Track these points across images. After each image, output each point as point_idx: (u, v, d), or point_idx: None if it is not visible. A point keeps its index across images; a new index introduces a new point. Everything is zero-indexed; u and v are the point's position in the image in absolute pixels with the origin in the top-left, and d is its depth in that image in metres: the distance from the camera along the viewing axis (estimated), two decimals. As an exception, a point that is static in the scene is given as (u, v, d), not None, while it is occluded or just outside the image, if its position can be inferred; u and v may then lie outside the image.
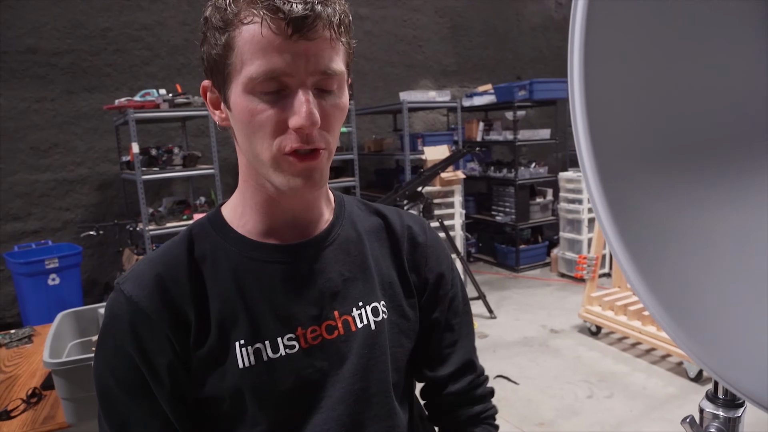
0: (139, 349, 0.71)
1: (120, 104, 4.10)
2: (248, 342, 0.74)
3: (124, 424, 0.74)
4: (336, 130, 0.72)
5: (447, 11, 6.85)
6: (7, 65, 4.55)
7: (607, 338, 3.89)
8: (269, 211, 0.78)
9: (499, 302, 4.80)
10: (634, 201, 0.39)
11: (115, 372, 0.73)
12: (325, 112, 0.69)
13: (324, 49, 0.66)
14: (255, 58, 0.64)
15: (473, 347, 0.94)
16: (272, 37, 0.63)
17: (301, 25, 0.62)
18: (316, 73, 0.66)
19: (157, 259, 0.77)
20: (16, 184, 4.69)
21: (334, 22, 0.66)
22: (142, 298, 0.72)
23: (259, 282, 0.76)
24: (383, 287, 0.83)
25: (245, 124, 0.68)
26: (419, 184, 4.28)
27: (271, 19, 0.62)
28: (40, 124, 4.72)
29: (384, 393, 0.80)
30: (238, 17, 0.64)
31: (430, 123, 6.96)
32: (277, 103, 0.66)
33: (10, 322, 4.65)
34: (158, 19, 5.14)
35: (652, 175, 0.40)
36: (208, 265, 0.76)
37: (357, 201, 0.92)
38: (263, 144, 0.68)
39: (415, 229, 0.90)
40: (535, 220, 6.02)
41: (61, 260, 4.06)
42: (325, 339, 0.77)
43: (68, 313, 1.75)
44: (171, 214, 4.41)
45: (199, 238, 0.79)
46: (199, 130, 5.36)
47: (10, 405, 1.52)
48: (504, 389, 3.23)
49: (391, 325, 0.83)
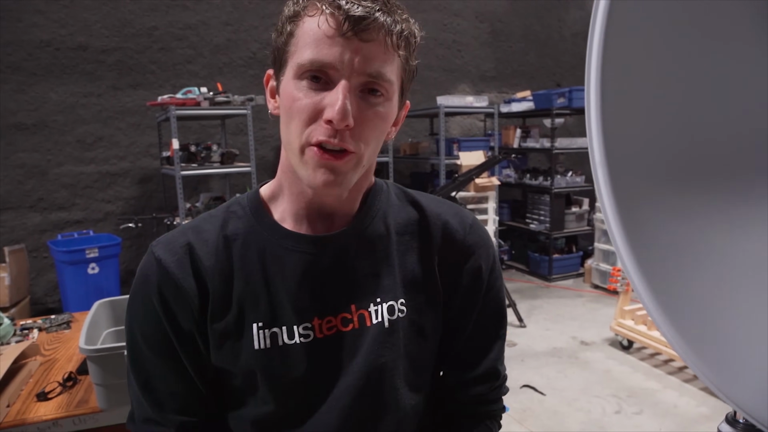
0: (165, 309, 0.76)
1: (162, 101, 4.21)
2: (266, 325, 0.76)
3: (149, 379, 0.79)
4: (370, 139, 0.71)
5: (488, 16, 6.82)
6: (59, 62, 4.73)
7: (638, 353, 3.80)
8: (302, 202, 0.79)
9: (530, 311, 4.74)
10: (649, 220, 0.39)
11: (142, 329, 0.78)
12: (364, 116, 0.69)
13: (376, 54, 0.67)
14: (308, 47, 0.67)
15: (501, 353, 0.92)
16: (328, 29, 0.66)
17: (358, 23, 0.65)
18: (362, 73, 0.67)
19: (190, 230, 0.80)
20: (63, 176, 4.86)
21: (393, 30, 0.67)
22: (170, 263, 0.76)
23: (282, 269, 0.78)
24: (405, 285, 0.82)
25: (286, 109, 0.71)
26: (453, 189, 4.27)
27: (331, 14, 0.65)
28: (86, 119, 4.89)
29: (392, 389, 0.81)
30: (305, 10, 0.68)
31: (467, 128, 6.93)
32: (319, 94, 0.68)
33: (52, 307, 4.83)
34: (202, 19, 5.27)
35: (668, 196, 0.40)
36: (239, 244, 0.79)
37: (396, 189, 0.90)
38: (296, 130, 0.69)
39: (453, 224, 0.86)
40: (570, 229, 5.93)
41: (101, 250, 4.20)
42: (339, 331, 0.78)
43: (104, 302, 1.81)
44: (207, 209, 4.50)
45: (235, 216, 0.81)
46: (237, 128, 5.46)
47: (47, 387, 1.58)
48: (530, 399, 3.20)
49: (410, 323, 0.82)
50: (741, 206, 0.43)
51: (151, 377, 0.79)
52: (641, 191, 0.39)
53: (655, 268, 0.39)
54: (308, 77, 0.68)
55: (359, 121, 0.68)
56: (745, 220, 0.43)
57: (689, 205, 0.41)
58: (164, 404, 0.79)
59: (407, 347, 0.82)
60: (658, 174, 0.40)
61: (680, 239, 0.41)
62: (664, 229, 0.40)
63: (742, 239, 0.43)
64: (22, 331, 2.09)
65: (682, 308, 0.41)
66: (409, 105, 0.83)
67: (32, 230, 4.79)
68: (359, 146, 0.70)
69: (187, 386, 0.79)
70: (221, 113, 4.48)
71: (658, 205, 0.39)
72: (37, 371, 1.73)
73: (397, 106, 0.76)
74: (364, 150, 0.71)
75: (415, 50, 0.74)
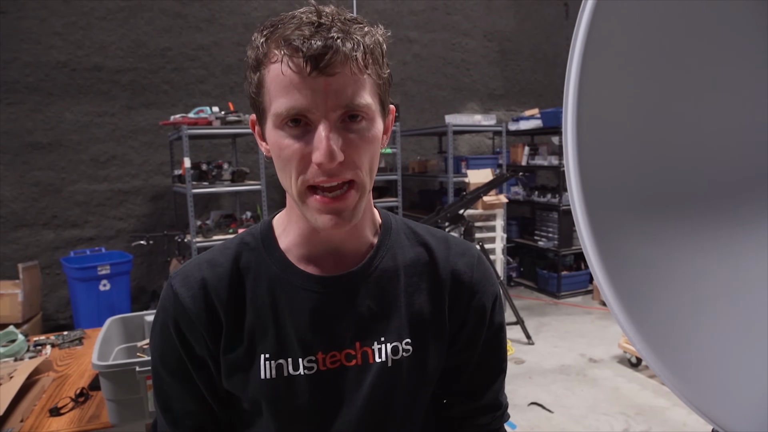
0: (181, 338, 0.79)
1: (175, 120, 4.29)
2: (273, 357, 0.79)
3: (168, 400, 0.83)
4: (366, 161, 0.72)
5: (496, 35, 6.89)
6: (75, 82, 4.85)
7: (647, 370, 3.78)
8: (310, 239, 0.80)
9: (538, 328, 4.73)
10: (624, 245, 0.41)
11: (162, 355, 0.82)
12: (352, 144, 0.69)
13: (346, 84, 0.67)
14: (279, 96, 0.67)
15: (503, 385, 0.94)
16: (292, 75, 0.65)
17: (319, 61, 0.64)
18: (338, 108, 0.67)
19: (205, 264, 0.82)
20: (77, 193, 4.95)
21: (356, 56, 0.66)
22: (186, 297, 0.79)
23: (291, 304, 0.80)
24: (412, 325, 0.83)
25: (276, 158, 0.72)
26: (461, 206, 4.30)
27: (290, 58, 0.65)
28: (100, 137, 4.99)
29: (393, 424, 0.83)
30: (267, 57, 0.68)
31: (476, 146, 6.98)
32: (303, 138, 0.68)
33: (63, 323, 4.88)
34: (215, 40, 5.37)
35: (643, 221, 0.42)
36: (251, 277, 0.81)
37: (405, 227, 0.90)
38: (291, 178, 0.70)
39: (461, 266, 0.87)
40: (578, 246, 5.90)
41: (112, 267, 4.26)
42: (343, 365, 0.80)
43: (116, 319, 1.85)
44: (218, 227, 4.56)
45: (248, 249, 0.83)
46: (248, 147, 5.54)
47: (60, 402, 1.62)
48: (538, 417, 3.18)
49: (415, 362, 0.83)
50: (715, 230, 0.46)
51: (169, 398, 0.83)
52: (616, 217, 0.42)
53: (631, 290, 0.42)
54: (288, 123, 0.68)
55: (349, 150, 0.69)
56: (719, 243, 0.46)
57: (663, 229, 0.44)
58: (180, 422, 0.83)
59: (409, 386, 0.83)
60: (632, 200, 0.43)
61: (654, 262, 0.43)
62: (639, 253, 0.43)
63: (715, 261, 0.46)
64: (35, 347, 2.14)
65: (658, 329, 0.43)
66: (394, 110, 0.82)
67: (46, 247, 4.86)
68: (357, 174, 0.71)
69: (201, 406, 0.83)
70: (232, 132, 4.55)
71: (632, 230, 0.42)
72: (50, 387, 1.77)
73: (382, 120, 0.75)
74: (363, 176, 0.72)
75: (384, 56, 0.72)
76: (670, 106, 0.43)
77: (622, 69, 0.42)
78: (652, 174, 0.43)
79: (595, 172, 0.41)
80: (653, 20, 0.42)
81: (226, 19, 5.41)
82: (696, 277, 0.45)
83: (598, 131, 0.41)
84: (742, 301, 0.44)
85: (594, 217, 0.41)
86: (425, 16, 6.43)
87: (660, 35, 0.43)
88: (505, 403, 0.95)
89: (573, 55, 0.41)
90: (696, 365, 0.44)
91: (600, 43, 0.41)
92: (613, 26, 0.40)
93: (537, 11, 7.14)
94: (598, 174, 0.41)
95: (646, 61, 0.42)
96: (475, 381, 0.91)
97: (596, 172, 0.41)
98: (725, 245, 0.46)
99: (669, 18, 0.43)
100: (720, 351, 0.45)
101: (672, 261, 0.44)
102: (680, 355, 0.43)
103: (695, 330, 0.44)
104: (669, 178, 0.44)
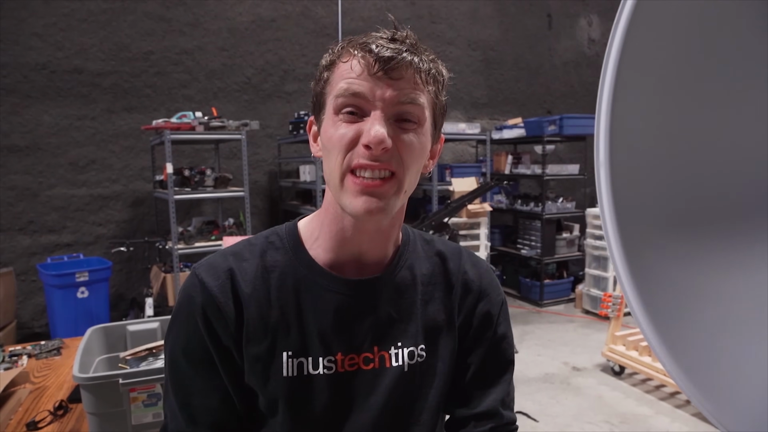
0: (208, 327, 0.80)
1: (157, 125, 4.23)
2: (295, 354, 0.81)
3: (188, 396, 0.82)
4: (409, 163, 0.75)
5: (480, 45, 6.94)
6: (54, 84, 4.75)
7: (630, 379, 3.81)
8: (340, 243, 0.83)
9: (522, 336, 4.74)
10: (654, 262, 0.40)
11: (185, 347, 0.82)
12: (400, 141, 0.73)
13: (406, 88, 0.72)
14: (342, 82, 0.73)
15: (505, 396, 0.93)
16: (359, 70, 0.72)
17: (387, 63, 0.71)
18: (393, 103, 0.72)
19: (231, 256, 0.84)
20: (54, 198, 4.84)
21: (421, 68, 0.73)
22: (214, 287, 0.80)
23: (315, 304, 0.82)
24: (426, 331, 0.88)
25: (326, 142, 0.76)
26: (446, 215, 4.29)
27: (362, 56, 0.72)
28: (80, 141, 4.89)
29: (407, 428, 0.86)
30: (340, 58, 0.75)
31: (459, 154, 7.00)
32: (355, 124, 0.73)
33: (39, 332, 4.76)
34: (199, 44, 5.32)
35: (673, 241, 0.41)
36: (276, 275, 0.83)
37: (422, 239, 0.95)
38: (336, 160, 0.74)
39: (471, 274, 0.93)
40: (560, 255, 5.96)
41: (91, 274, 4.16)
42: (360, 368, 0.83)
43: (98, 329, 1.80)
44: (200, 233, 4.50)
45: (273, 247, 0.86)
46: (231, 153, 5.48)
47: (38, 416, 1.56)
48: (523, 426, 3.17)
49: (428, 367, 0.87)
50: (743, 248, 0.45)
51: (190, 393, 0.82)
52: (647, 238, 0.40)
53: (661, 309, 0.41)
54: (345, 112, 0.73)
55: (396, 146, 0.73)
56: (747, 261, 0.45)
57: (693, 249, 0.42)
58: (198, 419, 0.82)
59: (424, 390, 0.87)
60: (663, 221, 0.42)
61: (684, 282, 0.42)
62: (669, 273, 0.41)
63: (742, 280, 0.44)
64: (11, 358, 2.07)
65: (685, 346, 0.42)
66: (443, 139, 0.88)
67: (21, 253, 4.74)
68: (400, 169, 0.74)
69: (223, 402, 0.82)
70: (215, 138, 4.49)
71: (663, 251, 0.41)
72: (26, 399, 1.71)
73: (431, 139, 0.80)
74: (404, 174, 0.75)
75: (443, 87, 0.79)
76: (700, 123, 0.42)
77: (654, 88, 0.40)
78: (681, 191, 0.42)
79: (626, 189, 0.39)
80: (683, 37, 0.41)
81: (210, 24, 5.36)
82: (722, 296, 0.44)
83: (629, 148, 0.39)
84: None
85: (624, 233, 0.39)
86: (410, 24, 6.37)
87: (690, 52, 0.41)
88: (509, 416, 0.93)
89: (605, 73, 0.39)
90: (723, 383, 0.42)
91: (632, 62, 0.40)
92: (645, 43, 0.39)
93: (520, 21, 7.21)
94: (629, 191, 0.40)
95: (676, 79, 0.41)
96: (474, 386, 0.92)
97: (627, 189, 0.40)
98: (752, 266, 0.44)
99: (699, 34, 0.41)
100: (744, 368, 0.43)
101: (699, 281, 0.43)
102: (707, 373, 0.42)
103: (722, 350, 0.43)
104: (699, 195, 0.43)
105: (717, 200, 0.44)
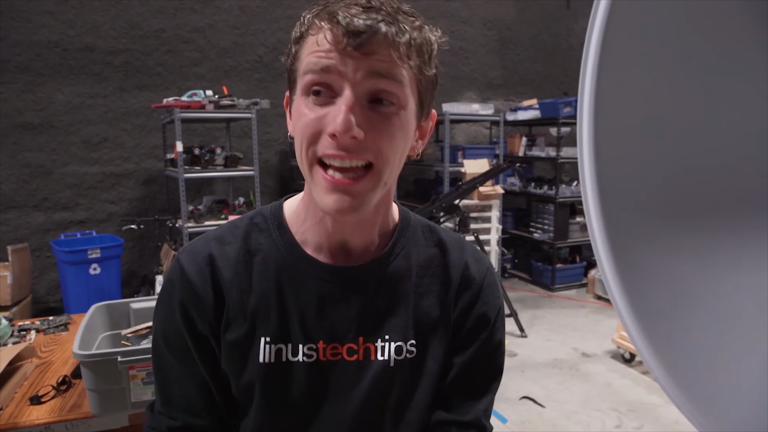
0: (185, 315, 0.78)
1: (168, 103, 4.22)
2: (273, 341, 0.77)
3: (166, 380, 0.82)
4: (388, 150, 0.68)
5: (495, 24, 6.81)
6: (67, 62, 4.76)
7: (640, 366, 3.77)
8: (324, 229, 0.78)
9: (531, 321, 4.71)
10: (642, 256, 0.37)
11: (164, 332, 0.80)
12: (376, 127, 0.66)
13: (380, 65, 0.64)
14: (309, 58, 0.65)
15: (489, 406, 0.88)
16: (328, 46, 0.64)
17: (357, 37, 0.62)
18: (365, 81, 0.64)
19: (213, 241, 0.81)
20: (67, 175, 4.88)
21: (399, 41, 0.64)
22: (192, 273, 0.78)
23: (297, 290, 0.78)
24: (417, 326, 0.81)
25: (295, 125, 0.69)
26: (457, 197, 4.26)
27: (330, 29, 0.63)
28: (92, 119, 4.91)
29: (390, 425, 0.81)
30: (309, 30, 0.66)
31: (473, 135, 6.92)
32: (323, 108, 0.65)
33: (54, 306, 4.84)
34: (210, 22, 5.28)
35: (662, 235, 0.38)
36: (259, 259, 0.80)
37: (422, 226, 0.88)
38: (303, 148, 0.68)
39: (473, 268, 0.86)
40: (573, 239, 5.90)
41: (103, 251, 4.20)
42: (343, 359, 0.79)
43: (101, 306, 1.80)
44: (210, 212, 4.51)
45: (257, 229, 0.82)
46: (242, 132, 5.47)
47: (41, 390, 1.58)
48: (529, 411, 3.17)
49: (418, 364, 0.81)
50: (736, 243, 0.42)
51: (167, 377, 0.81)
52: (635, 231, 0.38)
53: (648, 309, 0.38)
54: (313, 92, 0.65)
55: (371, 133, 0.65)
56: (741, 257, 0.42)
57: (683, 243, 0.40)
58: (173, 402, 0.81)
59: (410, 387, 0.81)
60: (651, 213, 0.39)
61: (674, 278, 0.39)
62: (657, 269, 0.39)
63: (737, 277, 0.42)
64: (19, 333, 2.09)
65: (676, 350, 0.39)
66: (435, 114, 0.81)
67: (36, 229, 4.80)
68: (377, 159, 0.67)
69: (199, 388, 0.80)
70: (226, 116, 4.48)
71: (651, 245, 0.38)
72: (32, 374, 1.73)
73: (417, 117, 0.72)
74: (383, 165, 0.68)
75: (431, 58, 0.70)
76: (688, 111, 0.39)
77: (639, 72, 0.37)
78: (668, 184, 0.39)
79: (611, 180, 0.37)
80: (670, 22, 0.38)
81: (221, 2, 5.31)
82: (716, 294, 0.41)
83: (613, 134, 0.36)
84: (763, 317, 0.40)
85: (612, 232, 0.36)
86: (424, 2, 6.34)
87: (677, 37, 0.38)
88: (489, 427, 0.88)
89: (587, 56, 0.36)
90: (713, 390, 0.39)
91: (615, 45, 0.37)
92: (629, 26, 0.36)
93: (537, 0, 7.06)
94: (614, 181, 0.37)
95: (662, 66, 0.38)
96: (460, 391, 0.85)
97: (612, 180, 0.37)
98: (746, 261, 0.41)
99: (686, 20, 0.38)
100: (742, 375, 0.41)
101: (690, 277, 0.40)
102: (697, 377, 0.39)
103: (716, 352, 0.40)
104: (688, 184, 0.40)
105: (714, 191, 0.41)
